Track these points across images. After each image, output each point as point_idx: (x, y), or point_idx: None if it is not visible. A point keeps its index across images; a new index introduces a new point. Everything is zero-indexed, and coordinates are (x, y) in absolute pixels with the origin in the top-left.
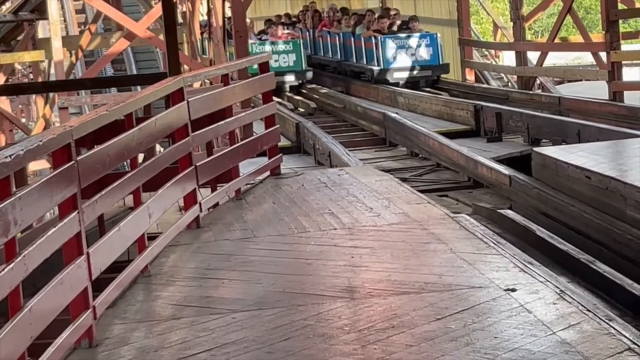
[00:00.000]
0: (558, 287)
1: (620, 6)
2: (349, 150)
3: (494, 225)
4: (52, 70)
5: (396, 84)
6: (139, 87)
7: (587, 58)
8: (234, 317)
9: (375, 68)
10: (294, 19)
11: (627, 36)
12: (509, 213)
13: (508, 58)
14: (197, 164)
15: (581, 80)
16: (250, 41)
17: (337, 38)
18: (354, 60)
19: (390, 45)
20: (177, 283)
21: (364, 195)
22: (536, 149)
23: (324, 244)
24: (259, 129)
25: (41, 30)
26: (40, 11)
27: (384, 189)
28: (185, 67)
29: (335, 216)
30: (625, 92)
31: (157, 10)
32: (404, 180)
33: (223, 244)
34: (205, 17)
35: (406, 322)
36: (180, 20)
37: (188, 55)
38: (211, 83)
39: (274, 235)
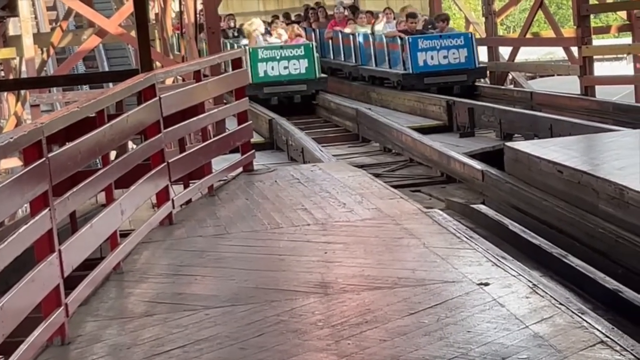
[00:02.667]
0: (531, 281)
1: (592, 1)
2: (322, 146)
3: (466, 220)
4: (24, 68)
5: (425, 90)
6: (111, 84)
7: (559, 53)
8: (207, 314)
9: (402, 72)
10: (294, 18)
11: (599, 31)
12: (482, 208)
13: (480, 53)
14: (170, 161)
15: (553, 75)
16: (252, 45)
17: (351, 39)
18: (374, 64)
19: (420, 46)
20: (150, 280)
21: (337, 190)
22: (508, 143)
23: (297, 240)
24: (232, 125)
25: (12, 27)
26: (11, 8)
27: (357, 184)
28: (157, 63)
29: (308, 212)
30: (596, 87)
31: (128, 7)
32: (377, 175)
33: (196, 241)
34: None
35: (379, 317)
36: (152, 16)
37: (160, 51)
38: (183, 80)
39: (247, 232)
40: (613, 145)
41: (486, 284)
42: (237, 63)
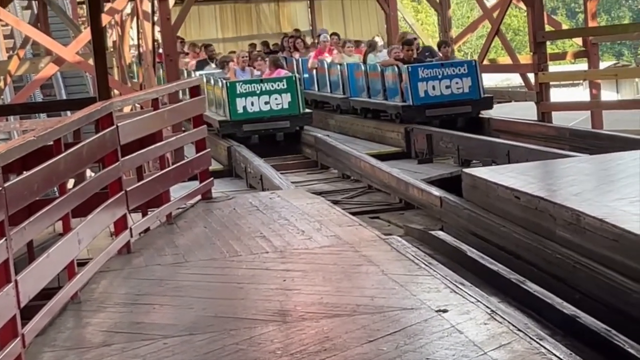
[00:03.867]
0: (489, 307)
1: (548, 28)
2: (281, 174)
3: (425, 246)
4: None
5: (424, 123)
6: (68, 112)
7: (515, 79)
8: (165, 343)
9: (401, 104)
10: (272, 48)
11: (555, 57)
12: (440, 234)
13: None
14: (128, 189)
15: (510, 101)
16: (230, 78)
17: (339, 69)
18: (367, 96)
19: (420, 75)
20: (108, 309)
21: (295, 218)
22: (466, 170)
23: (255, 268)
24: (190, 152)
25: None
26: None
27: (316, 211)
28: (116, 91)
29: (267, 239)
30: (553, 113)
31: (86, 34)
32: (335, 202)
33: (154, 269)
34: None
35: (338, 345)
36: (110, 44)
37: (118, 79)
38: (142, 107)
39: (205, 260)
40: (570, 171)
41: (445, 311)
42: (194, 91)
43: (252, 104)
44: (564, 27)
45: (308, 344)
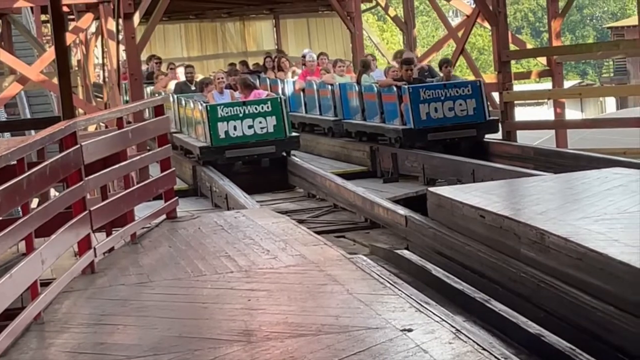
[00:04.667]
0: (454, 327)
1: (512, 47)
2: (246, 193)
3: (390, 265)
4: None
5: (428, 148)
6: (32, 132)
7: None
8: None
9: (401, 128)
10: (253, 67)
11: (520, 76)
12: (406, 253)
13: None
14: (92, 209)
15: None
16: (210, 101)
17: (329, 90)
18: (361, 118)
19: (422, 97)
20: (72, 330)
21: (260, 237)
22: (431, 188)
23: (220, 287)
24: (155, 172)
25: None
26: None
27: (281, 230)
28: (80, 110)
29: (232, 259)
30: (517, 132)
31: (50, 53)
32: (301, 221)
33: (118, 289)
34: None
35: None
36: (74, 63)
37: (82, 98)
38: (107, 126)
39: (170, 280)
40: (534, 190)
41: (410, 330)
42: (159, 110)
43: (235, 128)
44: (529, 46)
45: None
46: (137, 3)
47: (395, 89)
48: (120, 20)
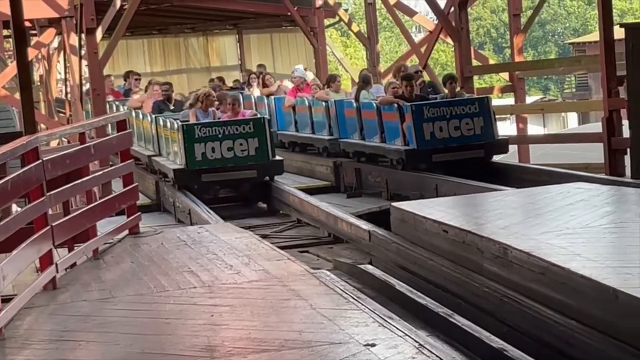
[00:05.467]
0: (417, 341)
1: (475, 63)
2: (210, 208)
3: (354, 280)
4: None
5: (432, 170)
6: None
7: None
8: None
9: (404, 148)
10: (234, 84)
11: (482, 92)
12: (369, 268)
13: None
14: (54, 224)
15: None
16: (187, 119)
17: (323, 107)
18: (359, 137)
19: (425, 115)
20: (33, 346)
21: (223, 252)
22: (394, 203)
23: (183, 303)
24: (118, 187)
25: None
26: None
27: (244, 246)
28: (42, 125)
29: (195, 274)
30: None
31: (12, 69)
32: (264, 236)
33: (80, 305)
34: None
35: None
36: (36, 78)
37: (45, 113)
38: (69, 142)
39: (132, 295)
40: (497, 204)
41: (373, 345)
42: (121, 125)
43: (213, 150)
44: (491, 62)
45: None
46: (99, 18)
47: (396, 106)
48: (83, 35)
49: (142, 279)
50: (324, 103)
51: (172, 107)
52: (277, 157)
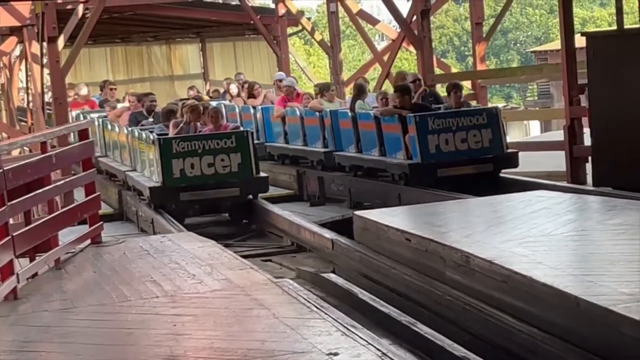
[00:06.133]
0: (380, 350)
1: (437, 71)
2: (172, 217)
3: (317, 289)
4: None
5: (436, 186)
6: None
7: None
8: None
9: (407, 163)
10: (212, 95)
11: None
12: (332, 277)
13: None
14: (14, 234)
15: None
16: (163, 133)
17: (317, 118)
18: (356, 150)
19: (430, 127)
20: None
21: (186, 262)
22: (357, 212)
23: (145, 313)
24: (80, 196)
25: None
26: None
27: (207, 255)
28: (4, 134)
29: (157, 284)
30: None
31: None
32: (227, 246)
33: (42, 316)
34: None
35: None
36: None
37: (6, 122)
38: (30, 150)
39: (94, 305)
40: (459, 212)
41: (336, 354)
42: (83, 134)
43: (192, 166)
44: (454, 70)
45: None
46: (61, 27)
47: (397, 117)
48: (45, 44)
49: (104, 289)
50: (317, 114)
51: (151, 120)
52: (262, 174)
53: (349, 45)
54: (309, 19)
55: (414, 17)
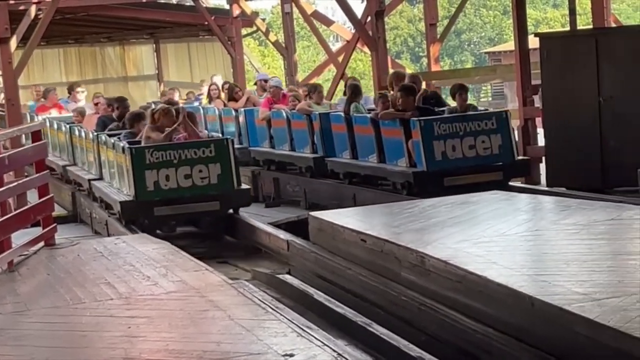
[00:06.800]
0: (335, 351)
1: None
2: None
3: (272, 290)
4: None
5: (438, 194)
6: None
7: None
8: None
9: (411, 171)
10: (187, 97)
11: None
12: (288, 278)
13: None
14: None
15: None
16: (134, 141)
17: (306, 122)
18: (351, 156)
19: (436, 132)
20: None
21: (141, 263)
22: (312, 213)
23: (100, 315)
24: (33, 198)
25: None
26: None
27: (162, 256)
28: None
29: (112, 286)
30: None
31: None
32: (182, 247)
33: None
34: None
35: None
36: None
37: None
38: None
39: (48, 308)
40: (414, 213)
41: (291, 355)
42: (36, 136)
43: (168, 178)
44: (408, 71)
45: None
46: (13, 27)
47: (400, 122)
48: None
49: (58, 291)
50: (305, 117)
51: (120, 124)
52: (244, 186)
53: (304, 47)
54: (263, 20)
55: (369, 18)
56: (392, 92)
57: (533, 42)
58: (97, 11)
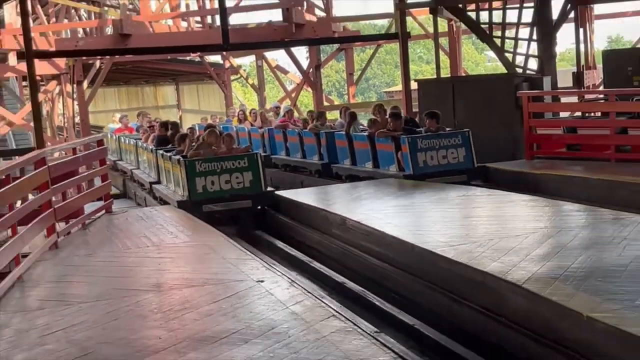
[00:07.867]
0: (290, 278)
1: (325, 103)
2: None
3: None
4: None
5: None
6: (17, 157)
7: None
8: (80, 307)
9: (402, 174)
10: (219, 121)
11: (331, 121)
12: (259, 232)
13: None
14: (55, 207)
15: None
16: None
17: (313, 138)
18: (351, 163)
19: (419, 146)
20: (42, 285)
21: (167, 224)
22: (277, 192)
23: (140, 257)
24: (98, 182)
25: None
26: None
27: (180, 219)
28: (48, 143)
29: (148, 238)
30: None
31: (28, 106)
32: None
33: (74, 259)
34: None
35: (194, 305)
36: (44, 113)
37: (50, 135)
38: (66, 154)
39: (108, 252)
40: (339, 193)
41: (262, 281)
42: (100, 143)
43: (212, 183)
44: (336, 103)
45: (174, 305)
46: (85, 74)
47: (392, 139)
48: (75, 85)
49: (114, 242)
50: (314, 134)
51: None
52: (269, 189)
53: (270, 87)
54: (244, 70)
55: (311, 70)
56: (375, 116)
57: (414, 85)
58: (139, 64)
